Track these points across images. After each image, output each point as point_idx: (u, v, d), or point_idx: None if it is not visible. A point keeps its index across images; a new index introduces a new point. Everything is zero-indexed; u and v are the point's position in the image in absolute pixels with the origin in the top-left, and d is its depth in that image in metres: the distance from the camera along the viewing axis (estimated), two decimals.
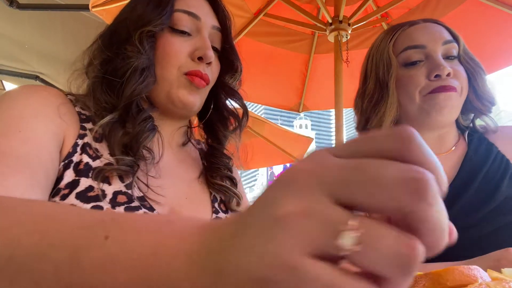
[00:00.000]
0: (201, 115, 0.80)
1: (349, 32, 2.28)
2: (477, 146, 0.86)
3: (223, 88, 0.77)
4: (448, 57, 0.83)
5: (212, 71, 0.70)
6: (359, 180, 0.19)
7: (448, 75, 0.79)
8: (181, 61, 0.66)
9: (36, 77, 2.70)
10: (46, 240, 0.28)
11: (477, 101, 0.85)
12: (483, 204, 0.77)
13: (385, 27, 2.51)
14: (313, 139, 4.37)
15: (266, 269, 0.18)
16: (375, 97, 0.89)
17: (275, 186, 0.21)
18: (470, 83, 0.85)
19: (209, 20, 0.71)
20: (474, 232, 0.76)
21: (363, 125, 0.94)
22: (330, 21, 2.27)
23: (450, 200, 0.79)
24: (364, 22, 2.34)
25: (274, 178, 0.21)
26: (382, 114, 0.87)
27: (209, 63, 0.69)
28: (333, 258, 0.18)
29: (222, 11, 0.74)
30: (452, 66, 0.82)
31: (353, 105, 1.02)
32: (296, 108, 3.00)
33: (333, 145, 0.23)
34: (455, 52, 0.84)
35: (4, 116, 0.55)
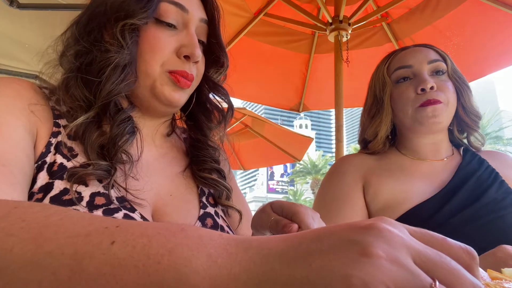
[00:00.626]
0: (183, 107, 0.75)
1: (349, 32, 2.28)
2: (470, 159, 0.99)
3: (206, 82, 0.73)
4: (436, 73, 0.97)
5: (198, 68, 0.66)
6: (443, 266, 0.23)
7: (432, 88, 0.92)
8: (165, 57, 0.61)
9: (36, 77, 2.69)
10: (43, 249, 0.27)
11: (465, 116, 0.99)
12: (473, 202, 0.88)
13: (385, 27, 2.51)
14: (313, 139, 4.37)
15: None
16: (372, 111, 1.03)
17: (362, 231, 0.24)
18: (459, 100, 0.98)
19: (197, 12, 0.65)
20: (465, 225, 0.85)
21: (362, 137, 1.08)
22: (330, 21, 2.27)
23: (445, 198, 0.89)
24: (364, 22, 2.34)
25: (358, 224, 0.25)
26: (377, 125, 1.01)
27: (195, 62, 0.65)
28: None
29: (211, 2, 0.69)
30: (439, 81, 0.95)
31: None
32: (296, 108, 3.00)
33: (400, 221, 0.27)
34: (442, 69, 0.97)
35: None
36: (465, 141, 1.05)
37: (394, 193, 0.93)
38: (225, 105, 0.77)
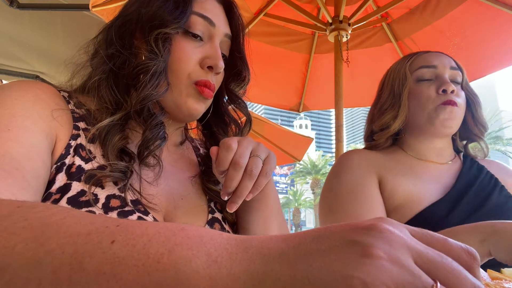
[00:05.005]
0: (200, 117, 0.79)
1: (349, 32, 2.28)
2: (471, 165, 1.03)
3: (228, 94, 0.76)
4: (453, 81, 0.99)
5: (217, 80, 0.69)
6: (444, 267, 0.24)
7: (452, 92, 0.96)
8: (190, 68, 0.64)
9: (36, 77, 2.70)
10: (45, 247, 0.27)
11: (474, 126, 1.03)
12: (478, 208, 0.90)
13: (385, 27, 2.51)
14: (313, 139, 4.37)
15: None
16: (386, 105, 1.04)
17: (363, 231, 0.24)
18: (470, 109, 1.02)
19: (222, 27, 0.69)
20: None
21: (368, 133, 1.09)
22: (330, 21, 2.27)
23: (453, 201, 0.91)
24: (364, 22, 2.34)
25: (359, 224, 0.25)
26: (390, 118, 1.01)
27: (217, 73, 0.67)
28: None
29: (237, 19, 0.73)
30: (456, 88, 0.98)
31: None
32: (296, 108, 3.00)
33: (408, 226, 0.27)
34: (459, 79, 1.01)
35: None
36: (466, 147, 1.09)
37: (410, 193, 0.93)
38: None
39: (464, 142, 1.08)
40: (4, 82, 3.29)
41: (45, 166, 0.53)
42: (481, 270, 0.43)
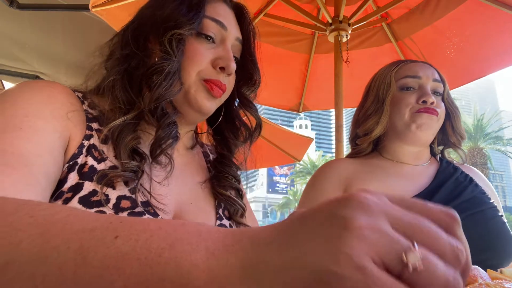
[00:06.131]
0: (210, 121, 0.80)
1: (349, 32, 2.28)
2: (447, 165, 1.09)
3: (239, 98, 0.77)
4: (434, 93, 1.06)
5: (229, 81, 0.70)
6: (421, 229, 0.24)
7: (432, 103, 1.01)
8: (202, 66, 0.65)
9: (36, 77, 2.69)
10: (50, 244, 0.28)
11: (452, 135, 1.09)
12: (454, 199, 0.96)
13: (385, 27, 2.51)
14: (313, 139, 4.37)
15: (336, 265, 0.22)
16: (370, 110, 1.08)
17: (342, 204, 0.25)
18: (450, 120, 1.08)
19: (234, 31, 0.70)
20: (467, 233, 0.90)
21: (353, 136, 1.14)
22: (330, 21, 2.27)
23: (426, 197, 0.96)
24: (364, 22, 2.34)
25: (337, 198, 0.26)
26: (372, 124, 1.06)
27: (229, 74, 0.69)
28: (391, 272, 0.23)
29: (248, 24, 0.75)
30: (436, 100, 1.03)
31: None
32: (296, 108, 3.00)
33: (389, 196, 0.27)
34: (440, 91, 1.07)
35: (7, 113, 0.51)
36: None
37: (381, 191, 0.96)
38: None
39: (441, 147, 1.14)
40: (4, 82, 3.29)
41: (56, 165, 0.53)
42: (481, 270, 0.43)
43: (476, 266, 0.43)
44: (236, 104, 0.78)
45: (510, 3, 2.01)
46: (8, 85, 3.32)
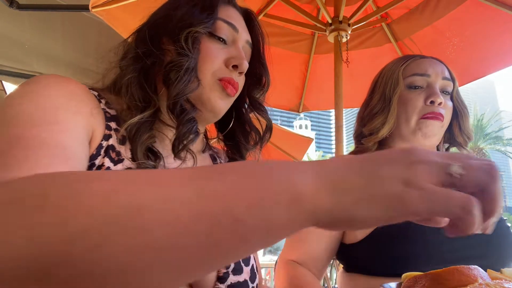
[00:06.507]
0: (220, 126, 0.81)
1: (349, 32, 2.28)
2: None
3: (250, 101, 0.79)
4: (443, 91, 1.02)
5: (240, 81, 0.72)
6: (456, 155, 0.33)
7: (440, 104, 0.98)
8: (216, 66, 0.67)
9: None
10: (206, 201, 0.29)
11: (459, 135, 1.06)
12: None
13: (385, 27, 2.51)
14: (313, 139, 4.36)
15: (407, 187, 0.30)
16: (376, 108, 1.04)
17: (406, 148, 0.33)
18: (457, 120, 1.05)
19: (244, 34, 0.73)
20: None
21: (358, 133, 1.10)
22: (330, 21, 2.27)
23: None
24: (364, 22, 2.34)
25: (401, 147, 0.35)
26: (378, 124, 1.02)
27: (241, 73, 0.70)
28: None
29: (257, 28, 0.78)
30: (445, 99, 1.00)
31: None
32: (296, 108, 3.00)
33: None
34: (449, 90, 1.03)
35: (39, 106, 0.50)
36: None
37: None
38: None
39: (447, 145, 1.11)
40: (4, 82, 3.29)
41: (86, 160, 0.54)
42: (481, 270, 0.43)
43: (476, 266, 0.43)
44: (246, 107, 0.80)
45: (510, 3, 2.01)
46: (8, 85, 3.32)
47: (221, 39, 0.69)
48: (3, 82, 3.21)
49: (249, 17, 0.78)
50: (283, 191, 0.30)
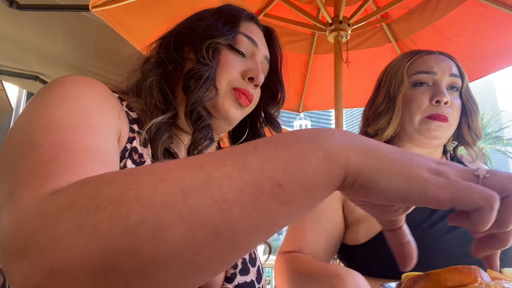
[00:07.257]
0: (235, 139, 0.83)
1: (349, 32, 2.27)
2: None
3: (265, 115, 0.81)
4: (451, 88, 0.98)
5: (256, 94, 0.74)
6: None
7: (446, 103, 0.94)
8: (232, 76, 0.69)
9: (36, 78, 2.69)
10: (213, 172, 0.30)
11: (468, 134, 1.01)
12: None
13: (385, 27, 2.51)
14: None
15: (432, 174, 0.32)
16: (381, 108, 1.01)
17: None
18: (466, 117, 1.00)
19: (263, 49, 0.76)
20: (453, 230, 0.86)
21: (363, 133, 1.06)
22: (330, 21, 2.27)
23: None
24: (364, 22, 2.34)
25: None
26: (383, 124, 0.99)
27: (256, 85, 0.73)
28: None
29: (276, 46, 0.82)
30: (452, 97, 0.96)
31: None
32: (296, 108, 3.00)
33: None
34: (457, 86, 0.98)
35: (73, 110, 0.49)
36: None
37: None
38: None
39: (455, 144, 1.08)
40: (4, 83, 3.29)
41: (118, 162, 0.54)
42: (481, 270, 0.43)
43: (476, 266, 0.43)
44: (261, 122, 0.82)
45: (510, 3, 2.01)
46: (8, 85, 3.32)
47: (240, 52, 0.71)
48: (3, 82, 3.21)
49: (269, 35, 0.82)
50: (316, 150, 0.31)
